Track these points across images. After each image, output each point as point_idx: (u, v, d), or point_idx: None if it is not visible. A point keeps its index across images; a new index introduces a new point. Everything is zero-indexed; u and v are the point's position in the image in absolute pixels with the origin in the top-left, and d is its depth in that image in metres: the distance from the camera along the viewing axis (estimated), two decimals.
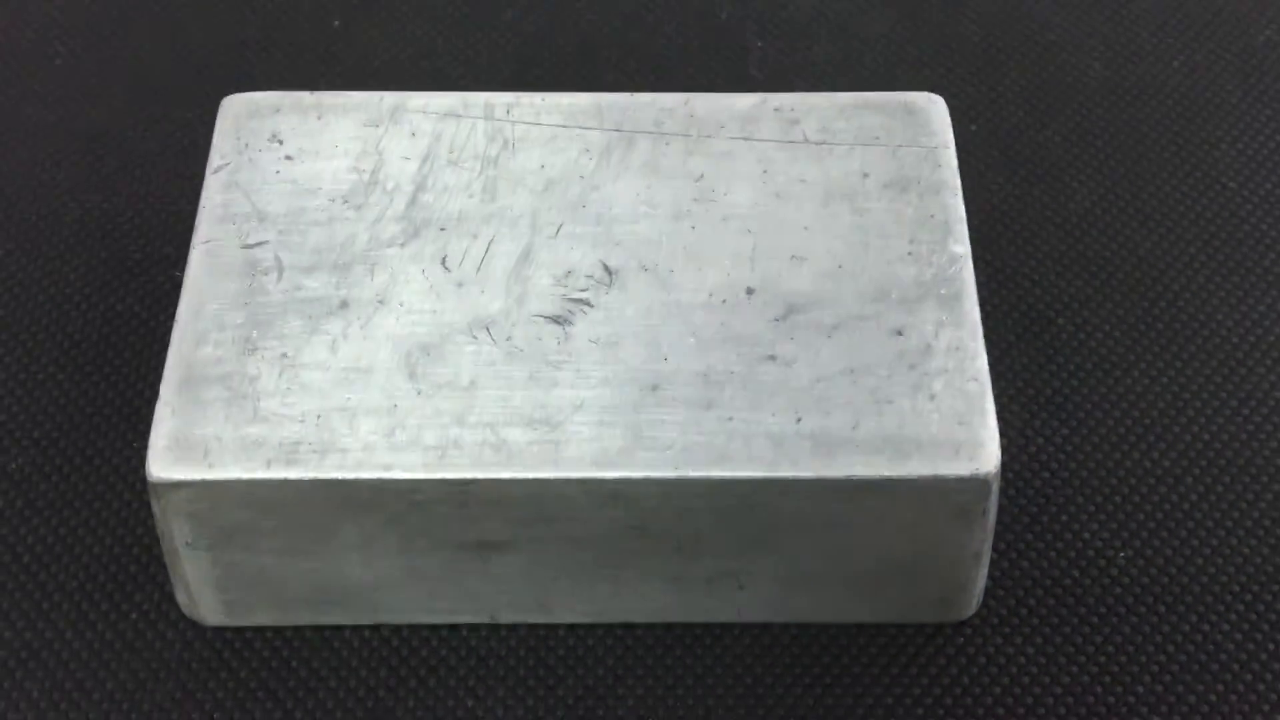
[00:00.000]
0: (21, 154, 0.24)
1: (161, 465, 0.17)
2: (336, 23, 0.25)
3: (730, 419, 0.17)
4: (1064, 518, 0.20)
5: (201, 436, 0.17)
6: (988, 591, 0.19)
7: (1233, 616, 0.20)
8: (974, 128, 0.24)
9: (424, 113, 0.20)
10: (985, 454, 0.17)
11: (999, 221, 0.23)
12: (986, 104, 0.25)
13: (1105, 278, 0.23)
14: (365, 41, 0.25)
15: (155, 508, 0.18)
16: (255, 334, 0.18)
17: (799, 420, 0.17)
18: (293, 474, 0.17)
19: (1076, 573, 0.20)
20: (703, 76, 0.24)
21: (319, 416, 0.17)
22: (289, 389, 0.17)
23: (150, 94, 0.24)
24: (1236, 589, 0.20)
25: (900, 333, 0.18)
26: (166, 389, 0.17)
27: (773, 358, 0.18)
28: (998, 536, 0.20)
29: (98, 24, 0.26)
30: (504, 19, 0.25)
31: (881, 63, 0.25)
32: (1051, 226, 0.23)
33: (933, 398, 0.17)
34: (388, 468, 0.17)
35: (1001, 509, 0.20)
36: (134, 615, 0.19)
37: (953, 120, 0.22)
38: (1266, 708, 0.19)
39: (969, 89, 0.24)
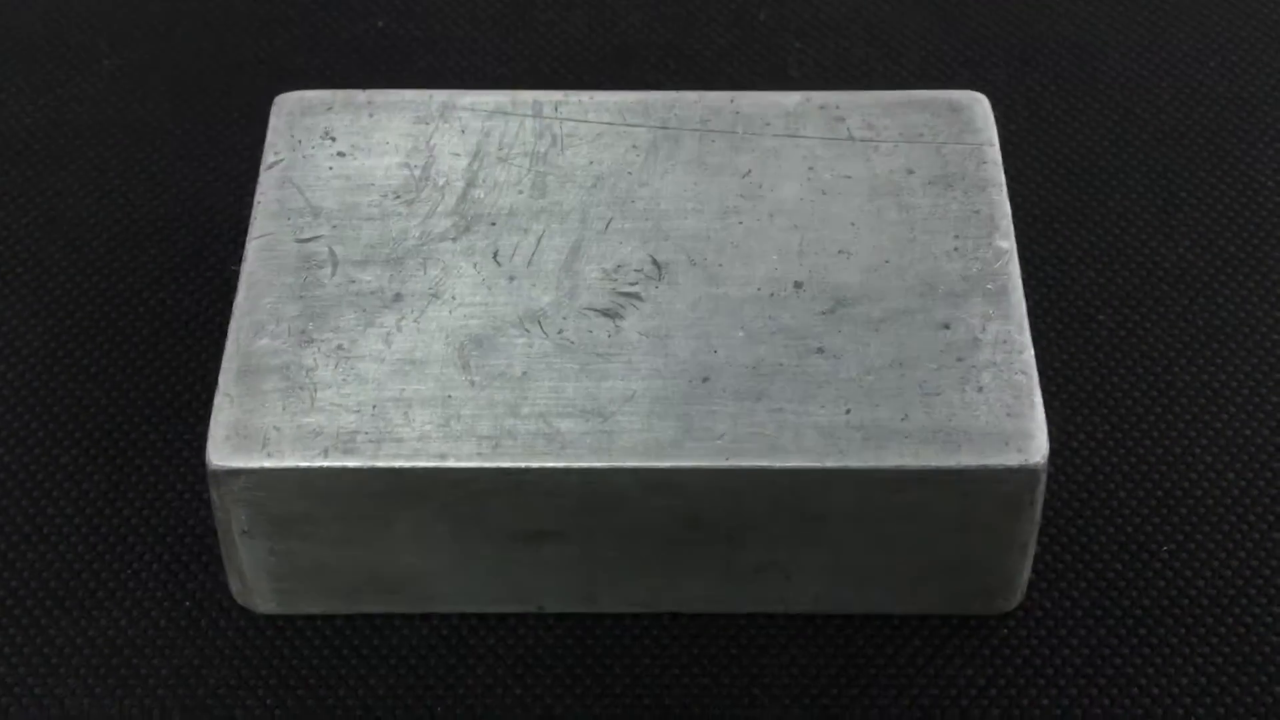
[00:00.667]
0: (72, 152, 0.24)
1: (221, 454, 0.17)
2: (380, 23, 0.26)
3: (780, 410, 0.18)
4: (1107, 511, 0.21)
5: (260, 426, 0.17)
6: (1031, 584, 0.19)
7: (1276, 609, 0.20)
8: (1013, 126, 0.24)
9: (473, 110, 0.20)
10: (1034, 445, 0.17)
11: (1040, 219, 0.23)
12: (1025, 103, 0.25)
13: (1146, 274, 0.23)
14: (408, 41, 0.25)
15: (214, 495, 0.18)
16: (311, 326, 0.18)
17: (848, 412, 0.18)
18: (349, 463, 0.17)
19: (1120, 566, 0.20)
20: (742, 76, 0.25)
21: (374, 407, 0.17)
22: (345, 380, 0.18)
23: (196, 93, 0.25)
24: (1272, 585, 0.21)
25: (947, 326, 0.18)
26: (225, 379, 0.18)
27: (821, 350, 0.18)
28: (1041, 530, 0.20)
29: (144, 25, 0.26)
30: (543, 19, 0.26)
31: (919, 62, 0.25)
32: (1093, 224, 0.23)
33: (981, 390, 0.18)
34: (442, 457, 0.17)
35: (1045, 502, 0.20)
36: (187, 603, 0.19)
37: (1003, 104, 0.23)
38: None
39: (1008, 87, 0.25)
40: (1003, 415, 0.18)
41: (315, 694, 0.19)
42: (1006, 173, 0.22)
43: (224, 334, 0.19)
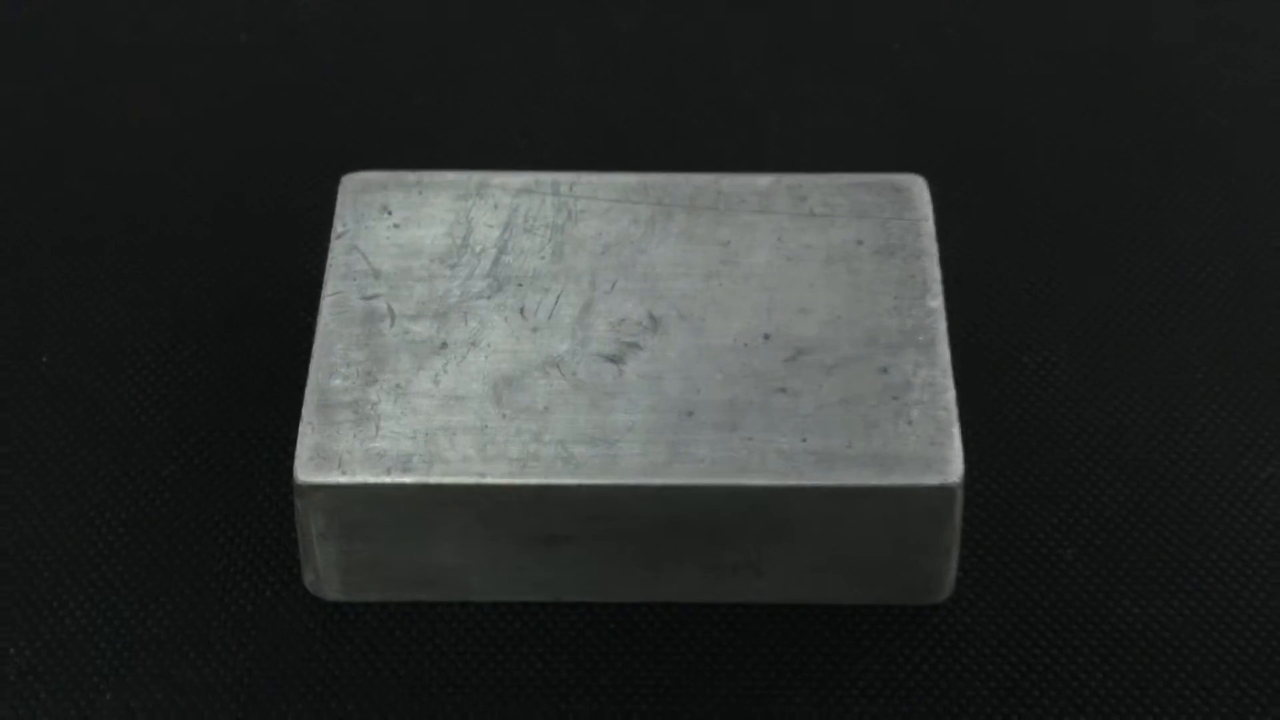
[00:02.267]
0: (158, 212, 0.28)
1: (305, 472, 0.21)
2: (419, 101, 0.29)
3: (750, 439, 0.21)
4: (1023, 520, 0.24)
5: (335, 450, 0.21)
6: (959, 579, 0.23)
7: (1159, 603, 0.23)
8: (954, 195, 0.28)
9: (503, 188, 0.24)
10: (951, 468, 0.21)
11: (977, 274, 0.27)
12: (966, 173, 0.28)
13: (1064, 320, 0.27)
14: (442, 118, 0.29)
15: (298, 505, 0.22)
16: (374, 369, 0.22)
17: (804, 440, 0.21)
18: (405, 479, 0.21)
19: (1032, 565, 0.24)
20: (727, 148, 0.28)
21: (426, 434, 0.22)
22: (402, 413, 0.22)
23: (265, 167, 0.28)
24: (1162, 579, 0.23)
25: (886, 371, 0.22)
26: (307, 412, 0.22)
27: (784, 390, 0.22)
28: (968, 535, 0.24)
29: (219, 101, 0.30)
30: (559, 97, 0.30)
31: (877, 135, 0.29)
32: (1020, 279, 0.27)
33: (910, 423, 0.22)
34: (480, 475, 0.21)
35: (970, 512, 0.23)
36: (268, 593, 0.23)
37: (938, 187, 0.26)
38: (1184, 675, 0.23)
39: (952, 160, 0.28)
40: (927, 444, 0.21)
41: (372, 665, 0.23)
42: (947, 237, 0.26)
43: (303, 374, 0.23)
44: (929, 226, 0.23)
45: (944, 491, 0.21)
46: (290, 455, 0.23)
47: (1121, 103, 0.30)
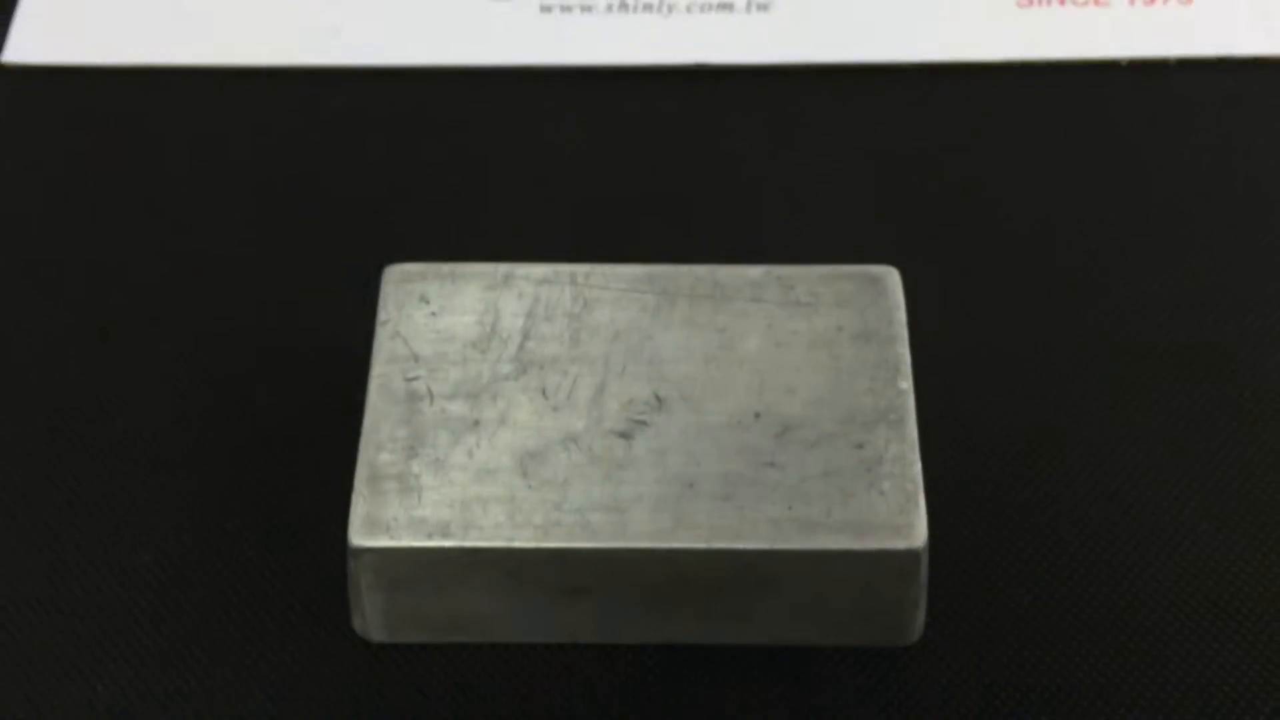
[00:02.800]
0: (217, 296, 0.31)
1: (358, 537, 0.24)
2: (444, 189, 0.32)
3: (742, 507, 0.24)
4: (985, 574, 0.27)
5: (383, 517, 0.24)
6: (927, 625, 0.26)
7: (1103, 644, 0.26)
8: (928, 286, 0.30)
9: (527, 279, 0.27)
10: (916, 533, 0.24)
11: (948, 355, 0.29)
12: (942, 260, 0.31)
13: (1027, 397, 0.29)
14: (471, 208, 0.32)
15: (350, 563, 0.25)
16: (416, 444, 0.25)
17: (789, 508, 0.24)
18: (445, 543, 0.24)
19: (993, 611, 0.27)
20: (726, 235, 0.31)
21: (462, 503, 0.24)
22: (441, 484, 0.25)
23: (305, 261, 0.31)
24: (1106, 624, 0.26)
25: (861, 446, 0.25)
26: (358, 483, 0.25)
27: (772, 464, 0.25)
28: (935, 587, 0.26)
29: (272, 214, 0.32)
30: (576, 194, 0.32)
31: (858, 233, 0.31)
32: (987, 357, 0.30)
33: (882, 494, 0.24)
34: (510, 539, 0.24)
35: (937, 569, 0.26)
36: (322, 634, 0.26)
37: (914, 274, 0.28)
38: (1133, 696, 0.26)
39: (929, 247, 0.31)
40: (896, 512, 0.24)
41: (410, 696, 0.26)
42: (924, 316, 0.28)
43: (352, 446, 0.26)
44: (900, 315, 0.26)
45: (910, 554, 0.24)
46: (338, 518, 0.25)
47: (1086, 192, 0.33)
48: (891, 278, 0.27)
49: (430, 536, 0.24)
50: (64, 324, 0.30)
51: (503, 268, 0.27)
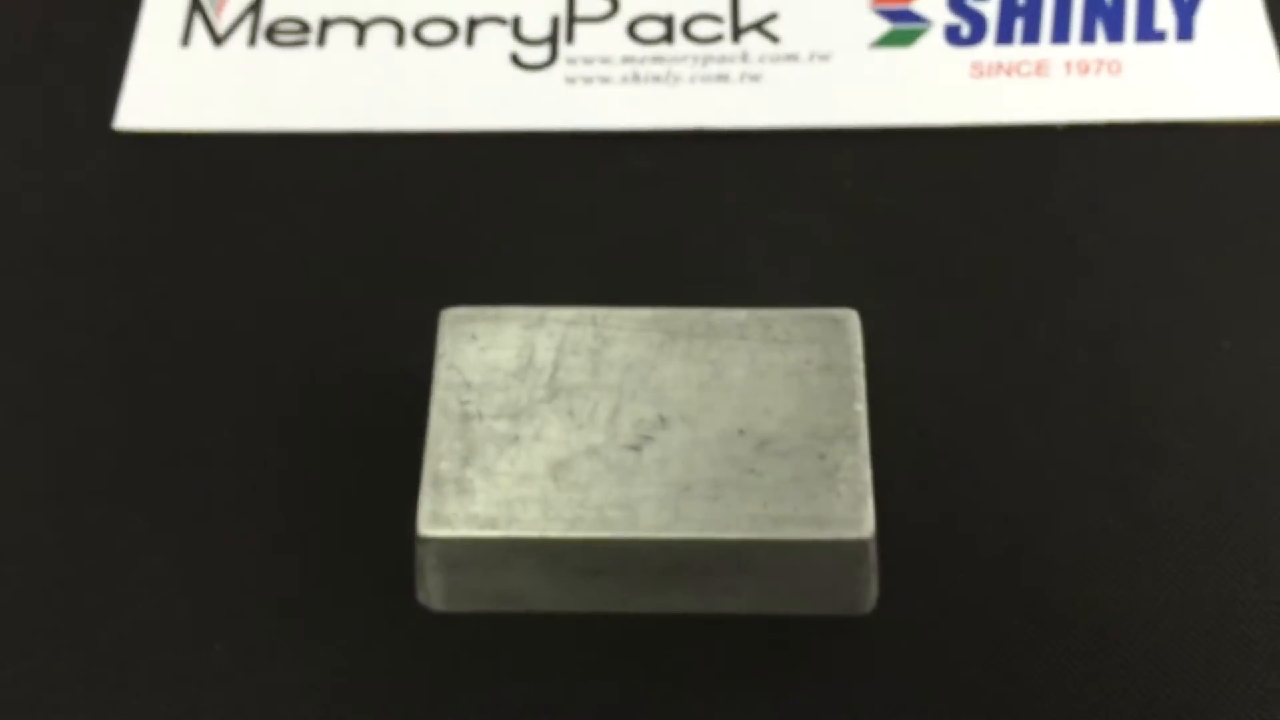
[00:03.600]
0: (306, 336, 0.34)
1: (424, 528, 0.29)
2: (486, 242, 0.36)
3: (729, 506, 0.29)
4: (928, 559, 0.31)
5: (444, 513, 0.29)
6: (879, 599, 0.30)
7: (1024, 615, 0.31)
8: (887, 326, 0.33)
9: (557, 320, 0.31)
10: (865, 526, 0.28)
11: (902, 380, 0.33)
12: (900, 301, 0.35)
13: (967, 413, 0.33)
14: (506, 258, 0.35)
15: (417, 549, 0.29)
16: (469, 455, 0.29)
17: (765, 506, 0.29)
18: (493, 534, 0.29)
19: (934, 588, 0.31)
20: (720, 276, 0.35)
21: (506, 502, 0.29)
22: (489, 488, 0.29)
23: (378, 305, 0.34)
24: (1028, 598, 0.31)
25: (823, 457, 0.29)
26: (424, 486, 0.29)
27: (752, 471, 0.29)
28: (886, 569, 0.30)
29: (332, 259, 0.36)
30: (600, 243, 0.35)
31: (833, 276, 0.35)
32: (935, 382, 0.34)
33: (839, 495, 0.29)
34: (544, 531, 0.29)
35: (888, 554, 0.30)
36: (393, 605, 0.30)
37: (875, 313, 0.32)
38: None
39: (889, 290, 0.34)
40: (850, 509, 0.29)
41: (468, 655, 0.30)
42: (879, 354, 0.31)
43: (419, 457, 0.30)
44: (858, 350, 0.31)
45: (861, 542, 0.29)
46: (407, 513, 0.30)
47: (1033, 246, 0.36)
48: (851, 319, 0.31)
49: (481, 528, 0.29)
50: (175, 359, 0.34)
51: (537, 311, 0.31)
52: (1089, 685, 0.30)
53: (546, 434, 0.29)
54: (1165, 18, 0.38)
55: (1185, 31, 0.38)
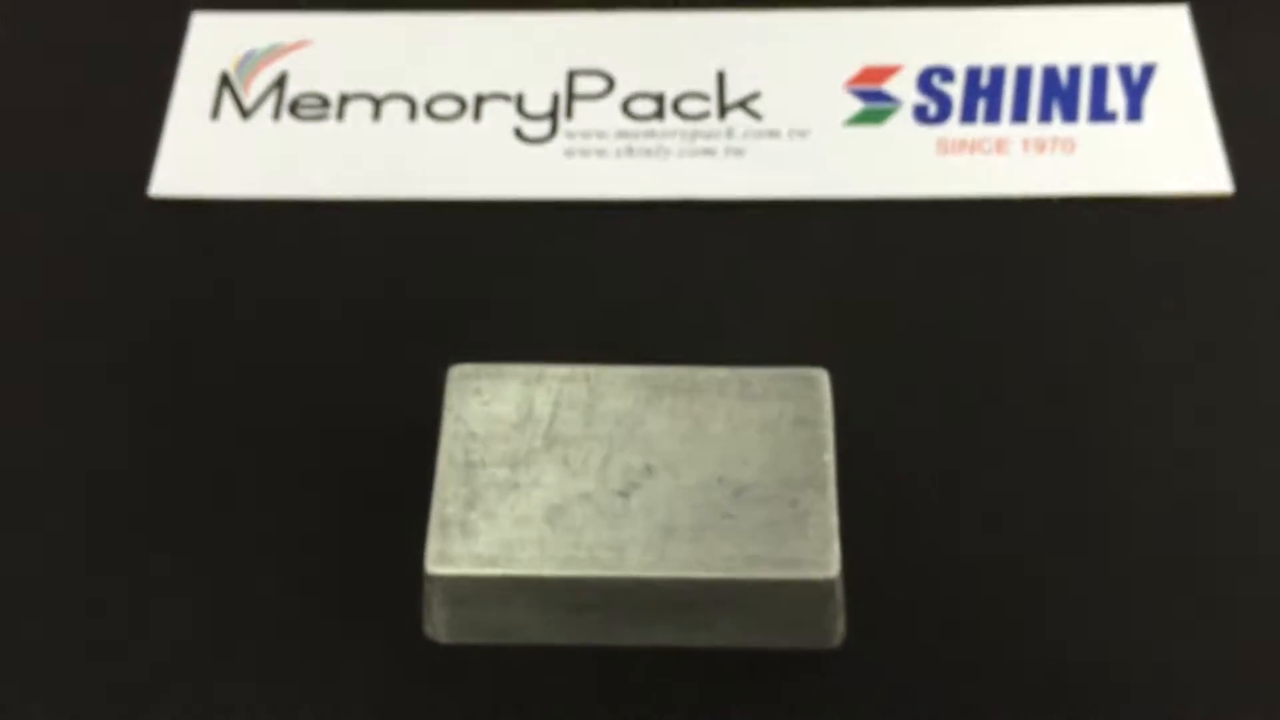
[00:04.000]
0: (325, 390, 0.36)
1: (432, 566, 0.30)
2: (485, 302, 0.37)
3: (708, 548, 0.30)
4: (893, 597, 0.33)
5: (450, 553, 0.30)
6: (847, 634, 0.32)
7: (984, 647, 0.32)
8: (861, 378, 0.35)
9: (554, 378, 0.32)
10: (832, 566, 0.30)
11: (870, 433, 0.35)
12: (868, 360, 0.36)
13: (929, 462, 0.35)
14: (507, 319, 0.37)
15: (425, 586, 0.31)
16: (473, 500, 0.31)
17: (742, 548, 0.30)
18: (494, 572, 0.30)
19: (898, 624, 0.32)
20: (703, 336, 0.36)
21: (506, 543, 0.30)
22: (490, 530, 0.31)
23: (389, 363, 0.36)
24: (988, 631, 0.32)
25: (794, 504, 0.31)
26: (432, 528, 0.31)
27: (730, 516, 0.31)
28: (853, 606, 0.32)
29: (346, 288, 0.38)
30: (595, 304, 0.37)
31: (805, 331, 0.36)
32: (900, 434, 0.35)
33: (808, 538, 0.30)
34: (540, 569, 0.30)
35: (855, 593, 0.31)
36: (402, 637, 0.32)
37: (845, 372, 0.34)
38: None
39: (857, 350, 0.36)
40: (818, 551, 0.30)
41: (468, 681, 0.32)
42: (848, 410, 0.33)
43: (427, 502, 0.31)
44: (828, 406, 0.32)
45: (828, 581, 0.31)
46: (416, 553, 0.31)
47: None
48: (822, 378, 0.33)
49: (483, 567, 0.30)
50: (201, 410, 0.35)
51: (535, 369, 0.32)
52: (1042, 715, 0.32)
53: (543, 481, 0.31)
54: (1116, 99, 0.40)
55: (1135, 113, 0.40)
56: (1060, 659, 0.32)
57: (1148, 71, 0.40)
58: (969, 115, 0.40)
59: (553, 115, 0.40)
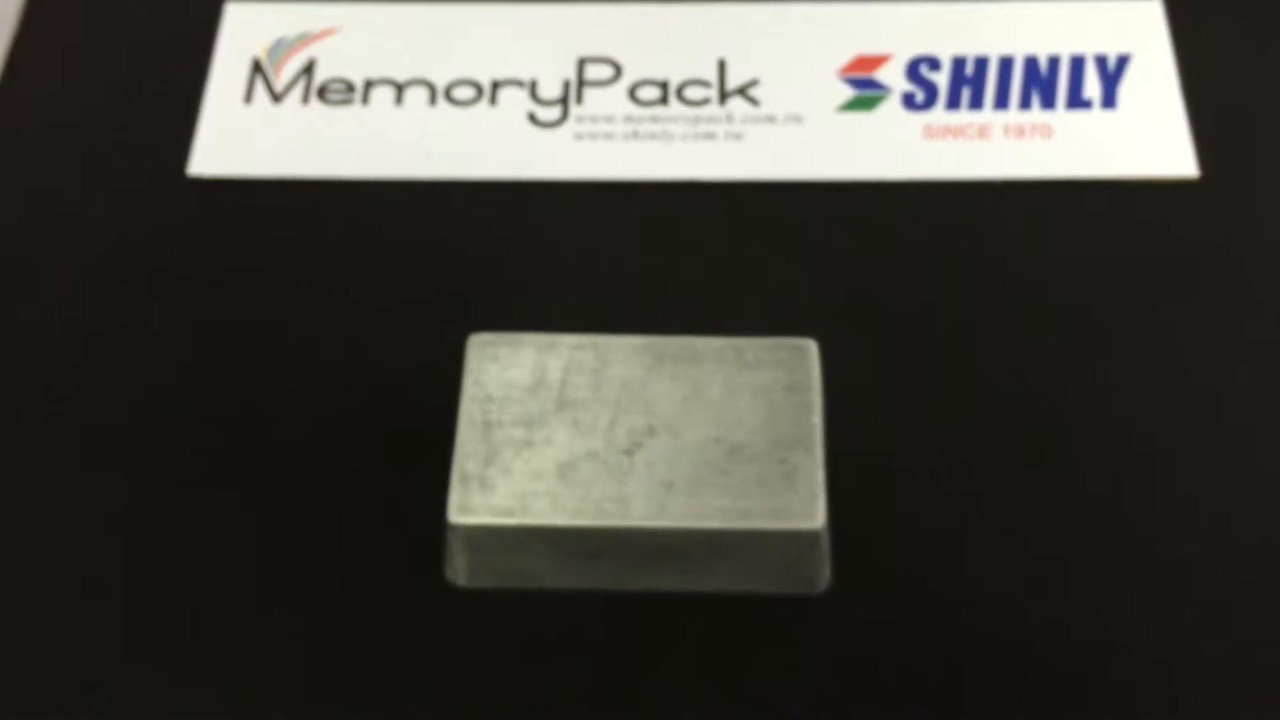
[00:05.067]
0: (336, 351, 0.37)
1: (454, 516, 0.32)
2: (504, 277, 0.40)
3: (706, 501, 0.32)
4: (875, 547, 0.34)
5: (470, 504, 0.32)
6: (832, 580, 0.34)
7: (957, 595, 0.34)
8: (848, 348, 0.37)
9: (565, 346, 0.34)
10: (818, 518, 0.32)
11: (856, 397, 0.36)
12: (855, 331, 0.38)
13: (912, 423, 0.36)
14: (522, 291, 0.38)
15: (447, 534, 0.33)
16: (491, 457, 0.33)
17: (736, 501, 0.32)
18: (510, 522, 0.32)
19: (879, 572, 0.34)
20: (703, 308, 0.38)
21: (521, 496, 0.32)
22: (507, 483, 0.32)
23: (415, 331, 0.38)
24: (960, 581, 0.34)
25: (783, 461, 0.33)
26: (453, 481, 0.33)
27: (725, 472, 0.33)
28: (838, 555, 0.34)
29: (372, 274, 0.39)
30: (602, 277, 0.38)
31: (797, 303, 0.38)
32: (884, 397, 0.37)
33: (796, 493, 0.32)
34: (552, 520, 0.32)
35: (840, 543, 0.34)
36: (425, 580, 0.34)
37: (834, 341, 0.36)
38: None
39: (846, 321, 0.38)
40: (805, 504, 0.32)
41: (485, 622, 0.34)
42: (832, 377, 0.35)
43: (449, 458, 0.33)
44: (816, 373, 0.34)
45: (813, 532, 0.33)
46: (439, 504, 0.33)
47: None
48: (811, 347, 0.34)
49: (500, 517, 0.32)
50: (241, 374, 0.37)
51: (548, 337, 0.34)
52: (1012, 655, 0.33)
53: (555, 440, 0.33)
54: (1092, 88, 0.42)
55: (1109, 100, 0.41)
56: (1029, 605, 0.34)
57: (1122, 61, 0.42)
58: (954, 102, 0.41)
59: (564, 101, 0.42)
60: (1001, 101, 0.42)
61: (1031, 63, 0.42)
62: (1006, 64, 0.42)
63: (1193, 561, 0.35)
